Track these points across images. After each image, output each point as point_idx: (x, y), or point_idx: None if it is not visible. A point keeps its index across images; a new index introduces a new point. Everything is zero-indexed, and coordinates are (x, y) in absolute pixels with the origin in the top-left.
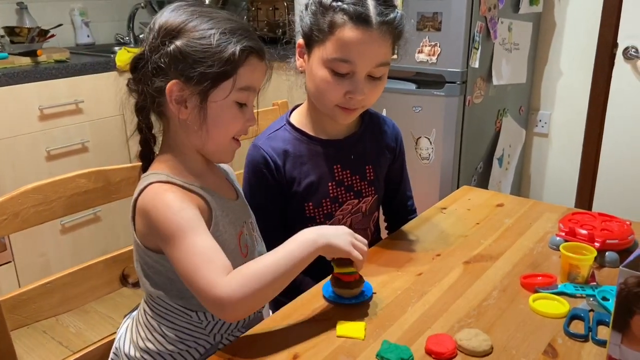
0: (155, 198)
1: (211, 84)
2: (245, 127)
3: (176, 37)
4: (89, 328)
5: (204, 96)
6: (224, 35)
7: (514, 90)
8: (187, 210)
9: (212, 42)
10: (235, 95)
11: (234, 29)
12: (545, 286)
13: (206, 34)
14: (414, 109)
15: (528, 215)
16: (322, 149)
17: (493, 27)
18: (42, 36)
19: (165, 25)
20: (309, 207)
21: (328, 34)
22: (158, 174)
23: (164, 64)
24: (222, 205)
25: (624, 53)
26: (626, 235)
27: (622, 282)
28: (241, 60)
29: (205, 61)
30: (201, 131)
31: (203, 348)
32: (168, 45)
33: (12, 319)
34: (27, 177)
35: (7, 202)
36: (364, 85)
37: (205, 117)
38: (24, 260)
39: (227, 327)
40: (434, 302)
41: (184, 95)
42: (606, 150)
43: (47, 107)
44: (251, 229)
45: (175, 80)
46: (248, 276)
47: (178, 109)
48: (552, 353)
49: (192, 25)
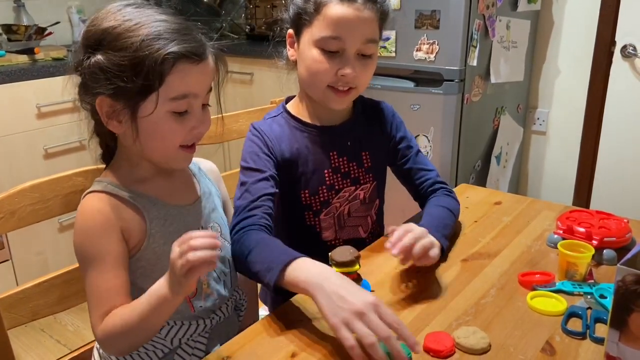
0: (81, 215)
1: (136, 99)
2: (192, 135)
3: (97, 49)
4: (87, 326)
5: (133, 110)
6: (145, 43)
7: (512, 89)
8: (101, 243)
9: (129, 54)
10: (167, 106)
11: (160, 33)
12: (543, 284)
13: (125, 44)
14: (412, 107)
15: (526, 213)
16: (318, 136)
17: (491, 25)
18: (40, 34)
19: (86, 36)
20: (305, 195)
21: (315, 13)
22: (100, 182)
23: (88, 79)
24: (166, 214)
25: (622, 51)
26: (624, 232)
27: (620, 279)
28: (166, 69)
29: (123, 75)
30: (136, 145)
31: (161, 352)
32: (89, 59)
33: (9, 318)
34: (24, 175)
35: (4, 201)
36: (354, 62)
37: (138, 131)
38: (21, 259)
39: (185, 332)
40: (431, 300)
41: (116, 110)
42: (604, 148)
43: (45, 105)
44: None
45: (101, 96)
46: (113, 331)
47: (110, 123)
48: (550, 351)
49: (113, 35)
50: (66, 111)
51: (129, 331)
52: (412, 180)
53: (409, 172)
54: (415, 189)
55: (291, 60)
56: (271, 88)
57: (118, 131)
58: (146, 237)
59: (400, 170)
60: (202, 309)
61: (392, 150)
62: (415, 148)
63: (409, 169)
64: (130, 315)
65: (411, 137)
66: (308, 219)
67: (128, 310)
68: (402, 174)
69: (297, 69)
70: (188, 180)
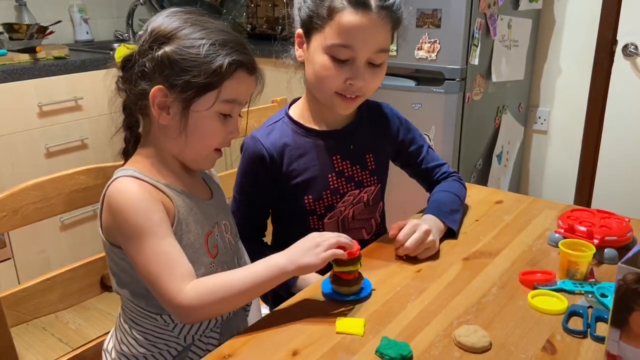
0: (120, 194)
1: (195, 94)
2: (227, 139)
3: (166, 43)
4: (89, 325)
5: (186, 104)
6: (213, 47)
7: (513, 87)
8: (151, 212)
9: (201, 52)
10: (218, 107)
11: (226, 42)
12: (544, 283)
13: (196, 43)
14: (413, 106)
15: (527, 212)
16: (321, 140)
17: (493, 24)
18: (41, 33)
19: (157, 30)
20: (309, 200)
21: (327, 19)
22: (126, 170)
23: (151, 68)
24: (190, 205)
25: (624, 50)
26: (625, 232)
27: (621, 278)
28: (228, 73)
29: (191, 70)
30: (180, 138)
31: (175, 350)
32: (157, 50)
33: (11, 316)
34: (26, 174)
35: (7, 199)
36: (364, 72)
37: (186, 125)
38: (23, 257)
39: (198, 329)
40: (433, 298)
41: (167, 102)
42: (605, 147)
43: (46, 104)
44: (223, 230)
45: (159, 85)
46: (208, 289)
47: (159, 114)
48: (551, 349)
49: (183, 33)
50: (68, 110)
51: (231, 295)
52: (430, 178)
53: (426, 171)
54: (432, 185)
55: (299, 61)
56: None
57: (165, 122)
58: (175, 222)
59: (417, 170)
60: None
61: (402, 153)
62: (425, 146)
63: (425, 169)
64: (239, 280)
65: (419, 134)
66: (312, 223)
67: (236, 275)
68: (419, 173)
69: (305, 70)
70: (200, 180)
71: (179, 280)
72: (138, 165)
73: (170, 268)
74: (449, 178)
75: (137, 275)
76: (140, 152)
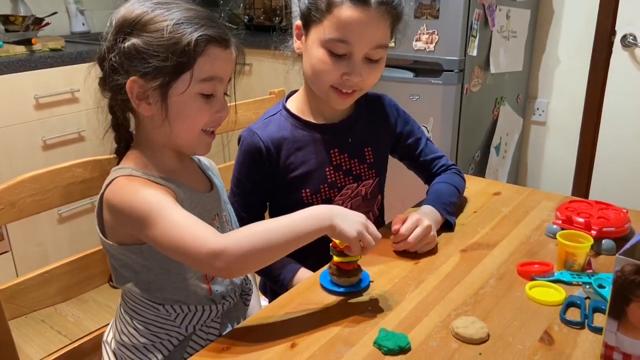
0: (120, 190)
1: (169, 78)
2: (215, 119)
3: (130, 33)
4: (88, 317)
5: (163, 90)
6: (177, 26)
7: (511, 79)
8: (157, 195)
9: (165, 34)
10: (197, 87)
11: (190, 18)
12: (541, 274)
13: (159, 26)
14: (412, 98)
15: (525, 204)
16: (319, 134)
17: (491, 15)
18: (37, 24)
19: (120, 21)
20: (306, 194)
21: (326, 13)
22: (123, 169)
23: (120, 61)
24: (191, 197)
25: (622, 40)
26: (623, 223)
27: (619, 269)
28: (199, 50)
29: (158, 55)
30: (164, 126)
31: (176, 340)
32: (122, 42)
33: (10, 309)
34: (23, 167)
35: (4, 192)
36: (361, 67)
37: (167, 111)
38: (21, 250)
39: (199, 319)
40: (430, 290)
41: (145, 92)
42: (603, 138)
43: (43, 97)
44: (224, 221)
45: (133, 77)
46: (246, 233)
47: (139, 105)
48: (549, 340)
49: (146, 19)
50: (64, 102)
51: (263, 236)
52: (429, 170)
53: (424, 164)
54: (431, 178)
55: (297, 53)
56: (270, 79)
57: (147, 113)
58: None
59: (416, 163)
60: (217, 293)
61: (400, 145)
62: (424, 138)
63: (424, 161)
64: (278, 223)
65: (418, 126)
66: None
67: (274, 220)
68: (417, 166)
69: (303, 63)
70: (199, 172)
71: (208, 232)
72: (134, 163)
73: (193, 229)
74: (447, 171)
75: (139, 269)
76: (134, 150)
